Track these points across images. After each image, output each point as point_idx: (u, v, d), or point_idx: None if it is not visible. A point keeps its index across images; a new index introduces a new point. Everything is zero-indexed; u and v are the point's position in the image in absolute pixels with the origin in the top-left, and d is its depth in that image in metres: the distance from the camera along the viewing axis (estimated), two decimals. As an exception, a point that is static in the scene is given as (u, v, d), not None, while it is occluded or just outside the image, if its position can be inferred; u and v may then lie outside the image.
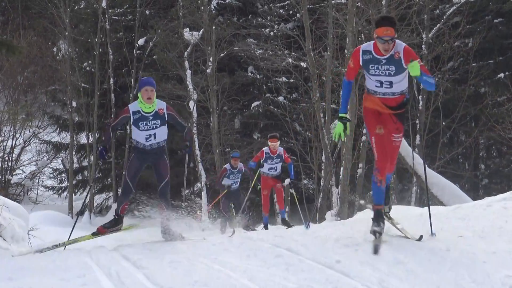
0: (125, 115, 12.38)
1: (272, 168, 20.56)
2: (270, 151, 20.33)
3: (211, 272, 8.51)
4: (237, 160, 21.15)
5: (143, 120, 12.18)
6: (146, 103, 11.96)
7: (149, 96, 11.94)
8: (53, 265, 10.01)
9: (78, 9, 49.61)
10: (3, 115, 43.25)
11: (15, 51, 16.98)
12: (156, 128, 12.27)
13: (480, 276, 7.62)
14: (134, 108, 12.27)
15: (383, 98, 10.23)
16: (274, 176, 20.76)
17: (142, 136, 12.34)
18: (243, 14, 44.29)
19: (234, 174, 21.22)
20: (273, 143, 20.28)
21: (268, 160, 20.44)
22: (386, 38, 10.31)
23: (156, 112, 12.18)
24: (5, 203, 17.58)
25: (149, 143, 12.40)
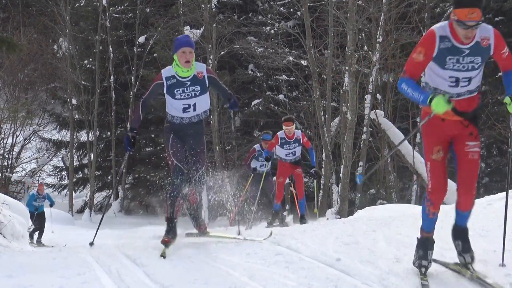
0: (157, 82, 10.33)
1: (290, 153, 18.28)
2: (285, 136, 18.08)
3: (211, 270, 8.51)
4: (267, 143, 19.26)
5: (179, 87, 10.17)
6: (184, 67, 10.04)
7: (187, 59, 10.01)
8: (53, 262, 10.01)
9: (79, 7, 49.71)
10: (4, 112, 43.28)
11: (15, 49, 17.00)
12: (196, 97, 10.25)
13: (480, 275, 7.61)
14: (168, 72, 10.27)
15: (457, 101, 7.51)
16: (293, 161, 18.42)
17: (178, 107, 10.29)
18: (243, 12, 44.31)
19: (262, 157, 19.81)
20: (288, 126, 18.02)
21: (284, 146, 18.18)
22: (471, 23, 7.10)
23: (194, 76, 10.22)
24: (5, 201, 17.59)
25: (188, 115, 10.34)
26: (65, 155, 50.32)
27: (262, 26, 41.97)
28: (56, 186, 49.60)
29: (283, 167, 18.53)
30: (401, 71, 8.71)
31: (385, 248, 9.21)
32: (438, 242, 8.16)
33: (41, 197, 27.31)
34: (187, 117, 10.34)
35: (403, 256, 8.63)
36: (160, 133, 47.12)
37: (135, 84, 45.74)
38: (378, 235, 10.19)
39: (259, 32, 41.18)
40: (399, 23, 34.25)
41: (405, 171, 36.26)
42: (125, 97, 46.85)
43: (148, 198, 48.19)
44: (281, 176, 18.69)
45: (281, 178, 18.68)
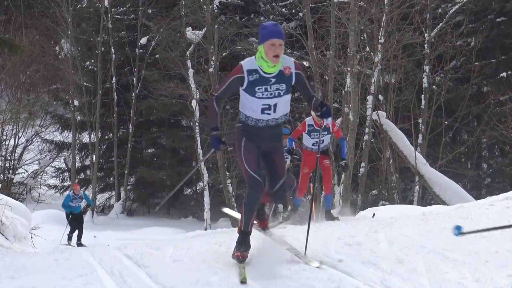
0: (237, 76, 8.66)
1: (318, 143, 16.23)
2: (314, 123, 16.27)
3: (213, 271, 8.51)
4: (285, 137, 16.88)
5: (261, 84, 8.54)
6: (272, 62, 8.45)
7: (276, 53, 8.43)
8: (55, 264, 10.02)
9: (81, 8, 49.72)
10: (6, 114, 43.24)
11: (17, 50, 17.02)
12: (279, 96, 8.63)
13: (483, 276, 7.61)
14: (251, 65, 8.68)
15: None
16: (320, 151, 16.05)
17: (256, 107, 8.67)
18: (245, 13, 44.30)
19: None
20: None
21: (312, 134, 16.41)
22: None
23: (280, 72, 8.61)
24: (7, 202, 17.63)
25: (266, 118, 8.71)
26: (67, 156, 50.33)
27: (264, 27, 41.99)
28: (58, 188, 49.61)
29: (309, 157, 16.42)
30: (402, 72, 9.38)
31: (387, 249, 9.21)
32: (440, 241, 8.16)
33: (78, 197, 26.74)
34: (264, 119, 8.72)
35: (405, 257, 8.63)
36: (162, 134, 47.12)
37: (137, 85, 45.74)
38: (380, 236, 10.19)
39: (261, 33, 41.18)
40: (401, 24, 34.26)
41: (407, 172, 36.26)
42: (127, 98, 46.86)
43: (150, 199, 48.31)
44: (306, 167, 16.66)
45: (306, 169, 16.66)
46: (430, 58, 36.62)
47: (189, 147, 45.09)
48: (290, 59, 8.76)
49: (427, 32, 36.79)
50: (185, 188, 49.77)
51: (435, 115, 37.60)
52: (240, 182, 40.72)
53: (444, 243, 8.81)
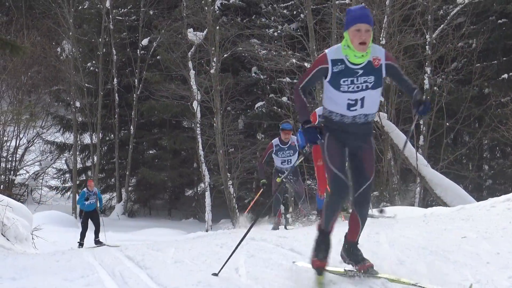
0: (321, 67, 7.49)
1: None
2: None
3: (214, 272, 8.50)
4: (288, 133, 16.75)
5: (348, 76, 7.41)
6: (358, 50, 7.29)
7: (363, 40, 7.28)
8: (56, 265, 10.03)
9: (82, 9, 49.73)
10: (7, 115, 43.24)
11: (19, 51, 17.02)
12: (366, 89, 7.48)
13: (484, 277, 7.60)
14: (336, 54, 7.49)
15: None
16: None
17: (341, 101, 7.52)
18: (247, 15, 44.32)
19: (284, 151, 16.89)
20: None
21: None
22: None
23: (369, 63, 7.47)
24: (9, 203, 17.63)
25: (352, 114, 7.55)
26: (68, 157, 50.34)
27: (265, 28, 41.98)
28: (60, 189, 49.62)
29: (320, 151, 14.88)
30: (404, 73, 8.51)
31: (388, 250, 9.20)
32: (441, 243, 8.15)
33: (92, 194, 25.97)
34: (350, 115, 7.59)
35: (406, 258, 8.62)
36: (163, 136, 47.11)
37: (139, 86, 45.77)
38: (381, 238, 10.17)
39: (263, 35, 41.17)
40: (402, 25, 34.24)
41: (408, 174, 36.22)
42: (129, 99, 46.89)
43: (151, 200, 48.31)
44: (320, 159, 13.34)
45: (320, 161, 14.40)
46: (432, 59, 36.59)
47: (191, 148, 45.12)
48: (380, 48, 7.70)
49: (428, 34, 36.77)
50: (186, 189, 49.81)
51: (437, 117, 37.57)
52: (241, 184, 40.75)
53: (445, 245, 8.80)
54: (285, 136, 16.80)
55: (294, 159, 16.76)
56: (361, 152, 7.70)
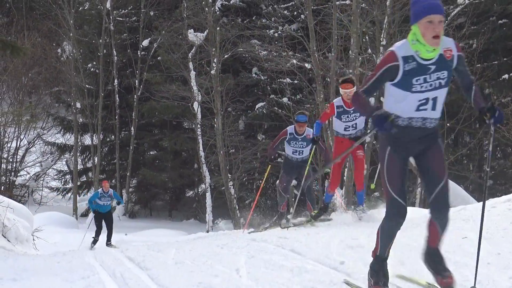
0: (390, 65, 6.61)
1: (350, 127, 14.56)
2: (343, 103, 14.48)
3: (215, 273, 8.51)
4: (303, 125, 16.06)
5: (420, 73, 6.61)
6: (431, 45, 6.45)
7: (437, 33, 6.42)
8: (57, 266, 10.03)
9: (83, 10, 49.74)
10: (8, 116, 43.26)
11: (19, 52, 17.03)
12: (440, 88, 6.83)
13: (485, 278, 7.60)
14: (406, 50, 6.67)
15: None
16: (353, 137, 14.58)
17: (412, 102, 6.68)
18: (247, 15, 44.31)
19: (297, 141, 16.15)
20: (347, 89, 14.39)
21: (342, 116, 14.53)
22: None
23: (441, 56, 6.71)
24: (9, 205, 17.63)
25: (421, 115, 6.75)
26: (69, 158, 50.34)
27: (266, 29, 41.95)
28: (60, 190, 49.63)
29: (341, 145, 14.58)
30: None
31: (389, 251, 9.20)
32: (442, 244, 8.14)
33: (107, 195, 25.11)
34: (419, 117, 6.75)
35: (407, 259, 8.62)
36: (163, 136, 47.12)
37: (139, 87, 45.75)
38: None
39: (263, 35, 41.14)
40: (403, 26, 34.22)
41: (409, 174, 36.24)
42: (129, 100, 46.87)
43: (152, 201, 48.32)
44: (339, 155, 14.59)
45: (339, 159, 14.51)
46: (432, 60, 36.62)
47: (191, 149, 45.13)
48: (448, 38, 6.87)
49: (429, 34, 36.74)
50: (187, 190, 49.81)
51: (437, 117, 37.55)
52: (242, 184, 40.74)
53: (446, 245, 8.79)
54: (300, 128, 16.11)
55: (306, 152, 16.27)
56: (430, 152, 7.00)
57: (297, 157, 16.34)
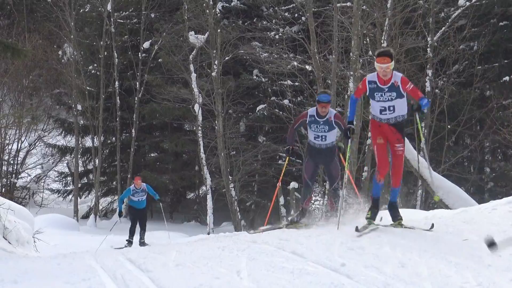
0: None
1: (387, 109, 12.04)
2: (377, 79, 11.98)
3: (216, 275, 8.51)
4: (325, 105, 13.95)
5: None
6: None
7: None
8: (58, 268, 10.03)
9: (83, 13, 49.72)
10: (9, 118, 43.30)
11: (20, 55, 17.04)
12: None
13: (486, 280, 7.61)
14: None
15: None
16: (393, 123, 12.15)
17: None
18: (248, 17, 44.31)
19: (318, 125, 14.08)
20: (383, 64, 11.74)
21: (377, 94, 12.03)
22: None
23: None
24: (10, 207, 17.63)
25: None
26: (70, 160, 50.33)
27: (266, 31, 41.94)
28: (61, 192, 49.62)
29: (378, 129, 12.42)
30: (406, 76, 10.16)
31: (390, 253, 9.21)
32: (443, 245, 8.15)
33: (140, 191, 24.60)
34: None
35: (408, 261, 8.63)
36: (164, 139, 47.12)
37: (140, 89, 45.72)
38: (383, 240, 10.19)
39: (264, 37, 41.14)
40: (404, 28, 34.23)
41: (410, 176, 36.16)
42: (130, 102, 46.85)
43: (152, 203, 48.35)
44: (380, 136, 12.39)
45: (380, 139, 12.36)
46: (433, 62, 36.59)
47: (192, 151, 45.12)
48: None
49: (429, 36, 36.77)
50: (188, 192, 49.81)
51: (438, 119, 37.55)
52: (243, 186, 40.75)
53: (447, 247, 8.81)
54: (322, 110, 13.98)
55: (330, 138, 14.20)
56: None
57: (320, 143, 14.24)
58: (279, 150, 41.20)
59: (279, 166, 41.80)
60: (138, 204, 24.85)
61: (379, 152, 12.37)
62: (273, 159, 42.32)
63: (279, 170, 41.42)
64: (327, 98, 14.04)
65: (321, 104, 13.95)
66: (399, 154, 12.38)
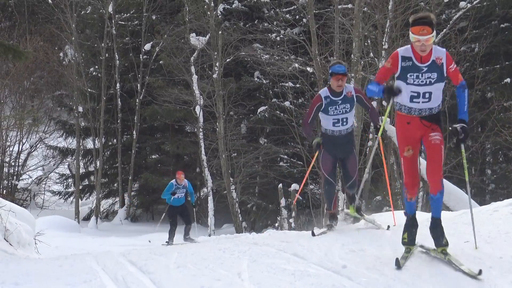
0: None
1: (421, 95, 9.00)
2: (413, 55, 8.88)
3: (217, 277, 8.51)
4: (342, 78, 11.87)
5: None
6: None
7: None
8: (59, 270, 10.04)
9: (85, 14, 49.78)
10: (10, 120, 43.32)
11: (21, 56, 17.03)
12: None
13: (486, 282, 7.61)
14: None
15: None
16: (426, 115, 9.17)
17: None
18: (249, 19, 44.32)
19: (337, 106, 11.91)
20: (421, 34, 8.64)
21: (409, 76, 8.88)
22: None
23: None
24: (11, 208, 17.61)
25: None
26: (71, 162, 50.35)
27: (268, 33, 41.93)
28: (62, 194, 49.63)
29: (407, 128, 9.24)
30: None
31: (391, 255, 9.20)
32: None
33: (181, 187, 23.79)
34: None
35: (409, 263, 8.62)
36: (166, 140, 47.13)
37: (141, 91, 45.75)
38: (384, 242, 10.18)
39: (265, 39, 41.13)
40: (405, 30, 34.19)
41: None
42: (131, 104, 46.87)
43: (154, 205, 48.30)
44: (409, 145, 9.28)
45: (409, 149, 9.26)
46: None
47: (193, 153, 45.09)
48: None
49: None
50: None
51: (439, 121, 37.54)
52: (244, 188, 40.74)
53: (448, 249, 8.79)
54: (338, 84, 11.78)
55: (350, 119, 12.04)
56: None
57: (341, 129, 12.04)
58: (280, 152, 41.21)
59: (280, 168, 41.79)
60: (177, 202, 23.99)
61: (407, 165, 9.51)
62: (274, 161, 42.31)
63: (280, 172, 41.48)
64: (343, 69, 11.91)
65: (336, 76, 11.79)
66: (436, 143, 9.23)
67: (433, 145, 9.16)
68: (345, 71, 11.83)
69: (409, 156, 9.19)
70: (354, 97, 11.93)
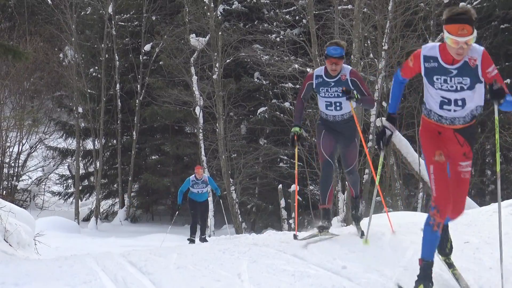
0: None
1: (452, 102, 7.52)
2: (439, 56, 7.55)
3: (217, 278, 8.51)
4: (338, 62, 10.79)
5: None
6: None
7: None
8: (59, 270, 10.02)
9: (85, 15, 49.81)
10: (10, 121, 43.31)
11: (21, 57, 17.01)
12: None
13: (487, 283, 7.60)
14: None
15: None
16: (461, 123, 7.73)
17: None
18: (249, 20, 44.32)
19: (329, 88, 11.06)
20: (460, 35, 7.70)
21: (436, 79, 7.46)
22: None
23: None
24: (11, 209, 17.61)
25: None
26: (71, 163, 50.34)
27: (267, 34, 41.95)
28: (62, 195, 49.62)
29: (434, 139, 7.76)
30: None
31: (391, 255, 9.20)
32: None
33: (200, 182, 23.09)
34: None
35: (409, 263, 8.62)
36: (165, 141, 47.13)
37: (141, 92, 45.75)
38: (384, 243, 10.17)
39: (265, 40, 41.14)
40: (405, 30, 34.21)
41: (411, 179, 36.21)
42: (131, 105, 46.87)
43: (154, 206, 48.31)
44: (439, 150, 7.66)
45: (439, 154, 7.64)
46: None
47: (193, 154, 45.06)
48: None
49: (431, 39, 36.73)
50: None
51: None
52: (244, 189, 40.74)
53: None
54: (332, 68, 10.79)
55: (347, 104, 11.02)
56: None
57: (334, 114, 11.17)
58: (280, 153, 41.22)
59: (280, 168, 41.79)
60: (198, 197, 23.41)
61: (438, 175, 7.56)
62: (274, 162, 42.34)
63: (280, 172, 41.47)
64: (339, 52, 10.67)
65: (330, 59, 10.74)
66: (465, 178, 7.86)
67: (462, 180, 7.79)
68: (341, 54, 10.63)
69: (442, 161, 7.48)
70: (349, 80, 10.80)
